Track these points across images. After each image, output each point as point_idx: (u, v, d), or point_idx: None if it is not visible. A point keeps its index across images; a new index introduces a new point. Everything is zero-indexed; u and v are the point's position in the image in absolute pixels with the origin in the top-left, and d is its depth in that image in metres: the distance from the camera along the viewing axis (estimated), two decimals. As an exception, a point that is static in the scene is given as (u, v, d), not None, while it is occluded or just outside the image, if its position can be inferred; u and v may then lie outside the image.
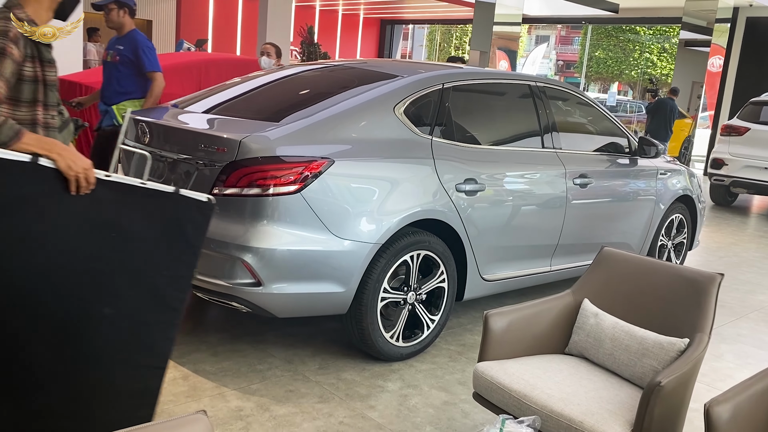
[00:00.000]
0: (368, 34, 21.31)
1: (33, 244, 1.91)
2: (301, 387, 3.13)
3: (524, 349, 2.52)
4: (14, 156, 1.83)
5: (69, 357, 2.03)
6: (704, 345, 2.21)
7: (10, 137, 1.92)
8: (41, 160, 1.90)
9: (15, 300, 1.91)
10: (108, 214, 2.03)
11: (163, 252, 2.14)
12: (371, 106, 3.39)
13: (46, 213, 1.92)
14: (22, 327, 1.94)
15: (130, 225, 2.06)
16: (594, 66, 30.10)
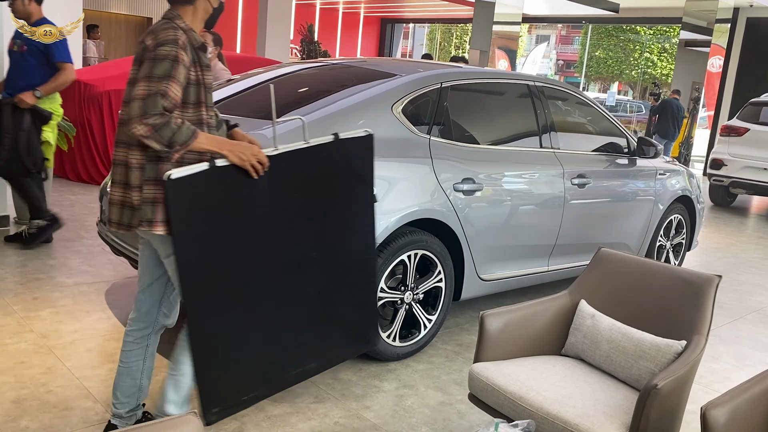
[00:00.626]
0: (369, 33, 21.29)
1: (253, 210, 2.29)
2: (296, 387, 3.11)
3: (520, 350, 2.50)
4: (197, 168, 2.14)
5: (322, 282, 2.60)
6: (701, 347, 2.20)
7: (188, 137, 2.14)
8: (217, 161, 2.19)
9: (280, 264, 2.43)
10: (291, 179, 2.39)
11: (346, 191, 2.59)
12: (369, 105, 3.37)
13: (246, 198, 2.27)
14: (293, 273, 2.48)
15: (312, 180, 2.45)
16: (594, 66, 30.09)
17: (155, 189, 2.20)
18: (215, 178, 2.18)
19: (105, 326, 3.58)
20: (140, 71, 2.16)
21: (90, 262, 4.63)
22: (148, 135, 2.10)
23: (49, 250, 4.82)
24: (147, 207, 2.20)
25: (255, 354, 2.45)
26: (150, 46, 2.17)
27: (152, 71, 2.14)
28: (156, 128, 2.09)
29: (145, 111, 2.09)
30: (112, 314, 3.75)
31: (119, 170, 2.27)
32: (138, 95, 2.11)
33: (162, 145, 2.12)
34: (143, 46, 2.21)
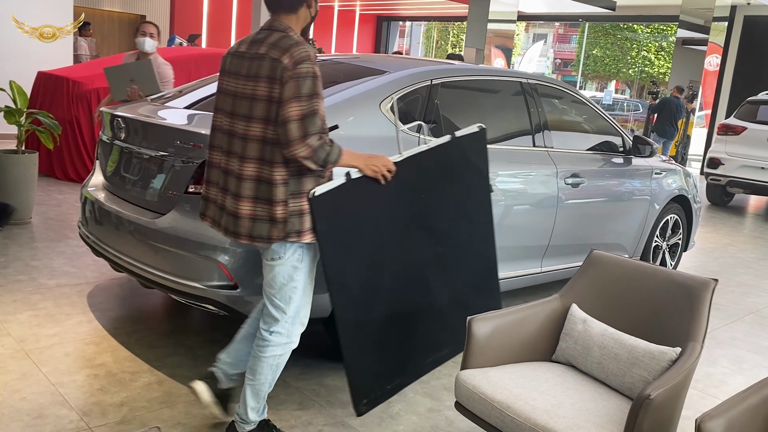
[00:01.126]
0: (364, 31, 21.17)
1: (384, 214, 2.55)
2: (280, 393, 3.02)
3: (509, 356, 2.41)
4: (336, 183, 2.35)
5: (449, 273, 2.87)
6: (697, 354, 2.11)
7: (338, 156, 2.28)
8: (352, 174, 2.40)
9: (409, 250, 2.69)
10: (416, 181, 2.65)
11: (464, 185, 2.83)
12: (356, 102, 3.27)
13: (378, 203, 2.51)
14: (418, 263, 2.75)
15: (434, 179, 2.71)
16: (591, 64, 30.00)
17: (300, 202, 2.30)
18: (351, 189, 2.41)
19: (85, 330, 3.48)
20: (284, 91, 2.18)
21: (74, 263, 4.53)
22: (309, 156, 2.20)
23: (33, 251, 4.71)
24: (294, 219, 2.30)
25: (395, 345, 2.74)
26: (288, 65, 2.18)
27: (299, 90, 2.18)
28: (315, 149, 2.20)
29: (306, 132, 2.18)
30: (94, 317, 3.65)
31: (248, 185, 2.29)
32: (293, 116, 2.17)
33: (317, 165, 2.24)
34: (277, 63, 2.20)
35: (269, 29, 2.32)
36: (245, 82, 2.28)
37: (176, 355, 3.29)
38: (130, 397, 2.85)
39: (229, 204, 2.35)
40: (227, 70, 2.40)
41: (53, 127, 5.36)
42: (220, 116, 2.40)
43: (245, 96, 2.28)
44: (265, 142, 2.24)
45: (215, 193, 2.43)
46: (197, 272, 2.89)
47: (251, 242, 2.34)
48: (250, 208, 2.29)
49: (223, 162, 2.37)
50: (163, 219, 3.00)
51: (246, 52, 2.32)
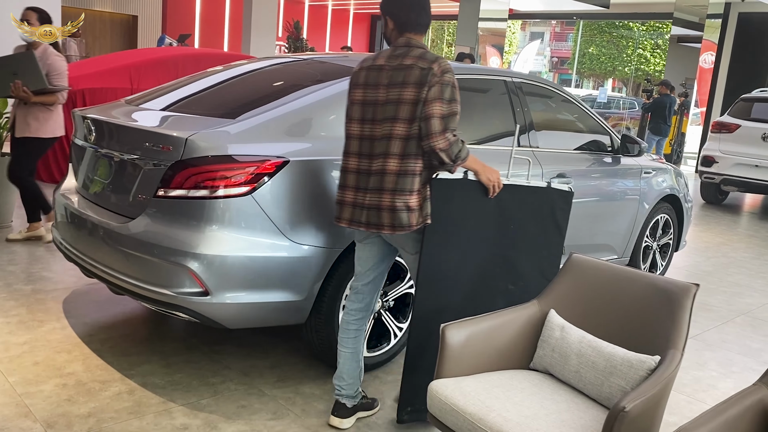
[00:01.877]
0: (359, 30, 21.08)
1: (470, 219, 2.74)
2: (254, 402, 2.93)
3: (485, 364, 2.33)
4: (455, 176, 2.64)
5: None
6: (676, 363, 2.02)
7: (466, 155, 2.58)
8: (468, 174, 2.68)
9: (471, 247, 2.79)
10: (507, 206, 2.82)
11: (542, 233, 2.93)
12: (331, 102, 3.18)
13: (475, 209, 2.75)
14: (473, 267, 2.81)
15: (523, 215, 2.87)
16: (587, 62, 29.92)
17: (426, 191, 2.62)
18: (464, 187, 2.68)
19: (57, 337, 3.39)
20: (430, 93, 2.50)
21: (52, 268, 4.44)
22: (445, 149, 2.50)
23: (11, 255, 4.62)
24: (426, 205, 2.62)
25: None
26: (437, 72, 2.52)
27: (443, 94, 2.51)
28: (451, 144, 2.51)
29: (446, 127, 2.50)
30: (67, 324, 3.56)
31: (390, 178, 2.55)
32: (436, 113, 2.49)
33: (450, 159, 2.53)
34: (427, 70, 2.51)
35: (407, 46, 2.64)
36: (389, 89, 2.59)
37: (150, 362, 3.21)
38: (98, 408, 2.76)
39: (369, 200, 2.60)
40: (364, 83, 2.67)
41: (34, 129, 5.26)
42: (357, 125, 2.67)
43: (390, 101, 2.57)
44: (408, 138, 2.55)
45: (352, 195, 2.66)
46: (167, 279, 2.80)
47: (393, 232, 2.59)
48: (390, 200, 2.57)
49: (364, 165, 2.64)
50: (132, 224, 2.92)
51: (386, 64, 2.63)
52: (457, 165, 2.57)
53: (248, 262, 2.81)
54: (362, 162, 2.63)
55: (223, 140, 2.82)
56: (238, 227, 2.79)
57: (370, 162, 2.61)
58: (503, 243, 2.86)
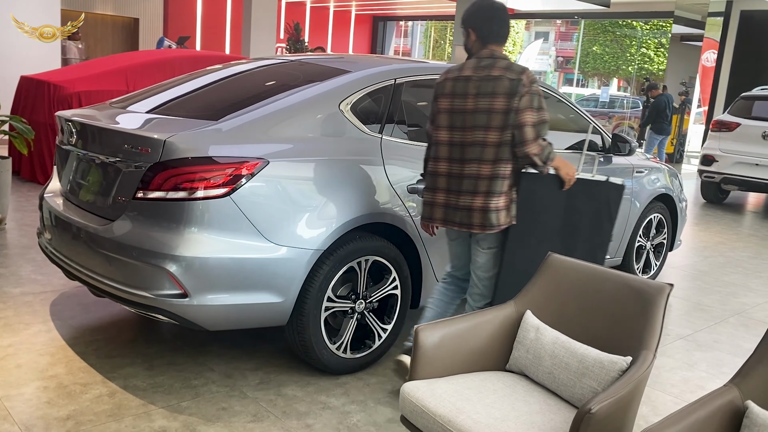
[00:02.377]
0: (360, 31, 21.07)
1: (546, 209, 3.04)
2: (235, 404, 2.92)
3: (460, 366, 2.31)
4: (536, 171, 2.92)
5: None
6: (648, 364, 2.00)
7: (554, 156, 2.87)
8: (550, 170, 2.96)
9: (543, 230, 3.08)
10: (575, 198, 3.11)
11: (597, 221, 3.23)
12: (314, 103, 3.18)
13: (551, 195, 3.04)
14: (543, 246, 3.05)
15: (584, 204, 3.16)
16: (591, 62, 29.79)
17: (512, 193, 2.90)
18: (545, 180, 2.99)
19: (42, 340, 3.39)
20: (521, 102, 2.74)
21: (42, 270, 4.45)
22: (538, 153, 2.79)
23: (2, 258, 4.63)
24: (513, 206, 2.90)
25: None
26: (526, 83, 2.75)
27: (532, 103, 2.76)
28: (543, 148, 2.79)
29: (538, 134, 2.77)
30: (53, 326, 3.56)
31: (484, 182, 2.82)
32: (528, 122, 2.75)
33: (541, 162, 2.82)
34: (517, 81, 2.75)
35: (492, 57, 2.87)
36: (477, 99, 2.82)
37: (133, 365, 3.20)
38: (77, 411, 2.76)
39: (462, 202, 2.87)
40: (451, 93, 2.91)
41: (26, 132, 5.29)
42: (446, 132, 2.91)
43: (480, 110, 2.81)
44: (500, 145, 2.79)
45: (444, 197, 2.93)
46: (146, 281, 2.80)
47: (482, 231, 2.87)
48: (482, 202, 2.83)
49: (455, 169, 2.89)
50: (111, 226, 2.92)
51: (473, 75, 2.85)
52: (547, 166, 2.87)
53: (227, 264, 2.80)
54: (453, 166, 2.89)
55: (201, 142, 2.82)
56: (217, 229, 2.79)
57: (461, 166, 2.86)
58: (566, 230, 3.15)
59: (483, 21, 2.87)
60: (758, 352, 1.90)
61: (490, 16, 2.87)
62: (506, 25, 2.91)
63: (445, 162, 2.91)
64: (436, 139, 2.95)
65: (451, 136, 2.89)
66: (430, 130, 3.01)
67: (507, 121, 2.75)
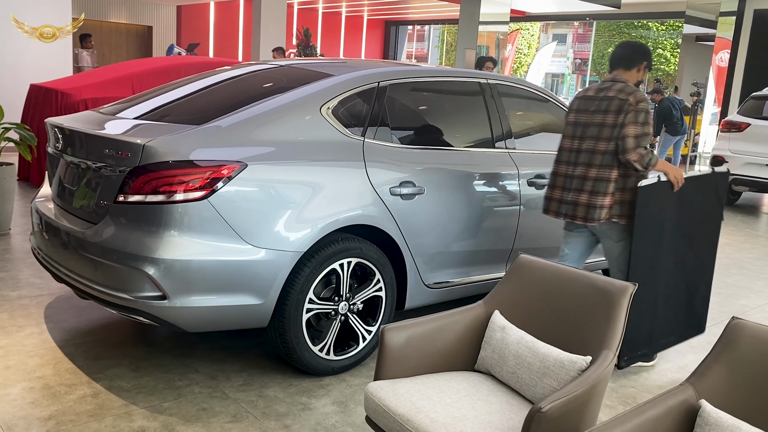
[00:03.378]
0: (372, 36, 21.15)
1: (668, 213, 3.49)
2: (216, 405, 2.96)
3: (427, 366, 2.32)
4: (651, 181, 3.34)
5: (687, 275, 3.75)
6: (607, 364, 1.99)
7: (656, 161, 3.35)
8: (661, 176, 3.39)
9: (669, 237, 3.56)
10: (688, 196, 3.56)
11: (709, 208, 3.73)
12: (295, 107, 3.21)
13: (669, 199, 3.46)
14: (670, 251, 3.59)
15: (696, 197, 3.60)
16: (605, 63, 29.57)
17: (623, 194, 3.40)
18: (657, 188, 3.38)
19: (33, 342, 3.45)
20: (626, 118, 3.31)
21: (41, 274, 4.53)
22: (638, 160, 3.30)
23: (3, 263, 4.73)
24: (617, 206, 3.41)
25: (652, 319, 3.55)
26: (632, 102, 3.32)
27: (637, 119, 3.31)
28: (642, 156, 3.30)
29: (638, 144, 3.30)
30: (46, 329, 3.63)
31: (590, 183, 3.42)
32: (630, 134, 3.30)
33: (642, 167, 3.32)
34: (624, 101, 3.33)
35: (612, 81, 3.48)
36: (593, 114, 3.45)
37: (119, 366, 3.25)
38: (59, 411, 2.81)
39: (570, 197, 3.49)
40: (576, 109, 3.57)
41: (28, 138, 5.39)
42: (569, 140, 3.57)
43: (594, 124, 3.44)
44: (606, 153, 3.38)
45: (559, 193, 3.56)
46: (127, 283, 2.85)
47: (584, 223, 3.45)
48: (587, 199, 3.42)
49: (570, 171, 3.52)
50: (93, 229, 2.97)
51: (595, 96, 3.49)
52: (648, 170, 3.35)
53: (205, 266, 2.83)
54: (569, 168, 3.52)
55: (180, 145, 2.86)
56: (195, 232, 2.82)
57: (573, 168, 3.49)
58: (685, 222, 3.58)
59: (614, 50, 3.57)
60: (714, 351, 1.89)
61: (620, 45, 3.57)
62: (630, 53, 3.49)
63: (564, 165, 3.56)
64: (561, 145, 3.62)
65: (571, 143, 3.54)
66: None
67: (613, 134, 3.34)
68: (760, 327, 1.85)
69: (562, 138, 3.61)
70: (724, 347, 1.88)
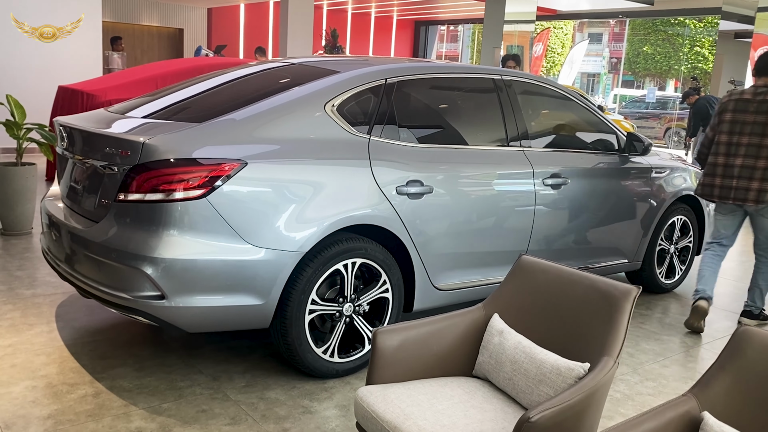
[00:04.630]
0: (402, 36, 21.07)
1: None
2: (216, 407, 2.91)
3: (423, 371, 2.24)
4: None
5: None
6: (606, 372, 1.88)
7: None
8: None
9: None
10: None
11: None
12: (298, 104, 3.15)
13: None
14: None
15: None
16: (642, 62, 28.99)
17: None
18: None
19: (42, 340, 3.47)
20: None
21: (57, 272, 4.56)
22: None
23: (21, 261, 4.78)
24: None
25: None
26: None
27: None
28: None
29: None
30: (56, 327, 3.64)
31: (759, 172, 3.96)
32: None
33: None
34: None
35: (765, 86, 4.04)
36: (756, 115, 4.00)
37: (124, 365, 3.24)
38: (59, 410, 2.80)
39: (736, 184, 4.04)
40: (733, 109, 4.10)
41: (50, 138, 5.45)
42: (726, 135, 4.09)
43: (757, 123, 3.98)
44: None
45: (720, 180, 4.11)
46: (126, 282, 2.82)
47: (755, 205, 4.01)
48: (758, 184, 3.97)
49: (730, 161, 4.06)
50: (94, 228, 2.96)
51: (752, 99, 4.04)
52: None
53: (204, 266, 2.79)
54: (728, 159, 4.07)
55: (180, 143, 2.83)
56: (195, 231, 2.79)
57: (734, 159, 4.03)
58: None
59: (761, 58, 4.05)
60: (719, 362, 1.76)
61: (761, 56, 4.08)
62: None
63: (723, 156, 4.09)
64: (718, 140, 4.14)
65: (729, 138, 4.08)
66: (710, 134, 4.20)
67: None
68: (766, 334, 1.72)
69: (719, 134, 4.13)
70: (729, 356, 1.75)
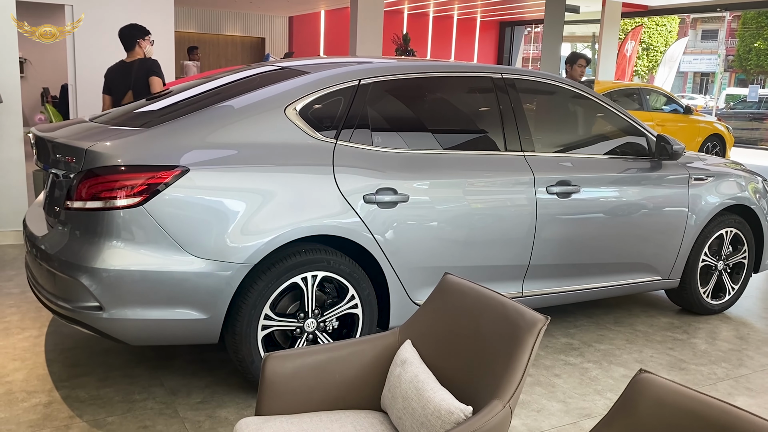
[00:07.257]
0: (486, 38, 20.58)
1: None
2: (159, 423, 2.80)
3: (322, 403, 2.01)
4: None
5: None
6: (489, 418, 1.58)
7: None
8: None
9: None
10: None
11: None
12: (255, 108, 3.00)
13: None
14: None
15: None
16: (753, 59, 26.85)
17: None
18: None
19: (26, 345, 3.50)
20: None
21: (73, 277, 4.65)
22: None
23: (46, 265, 4.92)
24: None
25: None
26: None
27: None
28: None
29: None
30: (44, 332, 3.68)
31: None
32: None
33: None
34: None
35: None
36: None
37: (90, 374, 3.20)
38: (4, 418, 2.78)
39: None
40: None
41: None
42: None
43: None
44: None
45: None
46: (67, 292, 2.77)
47: None
48: None
49: None
50: (45, 236, 2.93)
51: None
52: None
53: (141, 277, 2.69)
54: None
55: (123, 150, 2.74)
56: (132, 240, 2.69)
57: None
58: None
59: None
60: (611, 413, 1.42)
61: None
62: None
63: None
64: None
65: None
66: None
67: None
68: (668, 385, 1.37)
69: None
70: (621, 408, 1.41)
